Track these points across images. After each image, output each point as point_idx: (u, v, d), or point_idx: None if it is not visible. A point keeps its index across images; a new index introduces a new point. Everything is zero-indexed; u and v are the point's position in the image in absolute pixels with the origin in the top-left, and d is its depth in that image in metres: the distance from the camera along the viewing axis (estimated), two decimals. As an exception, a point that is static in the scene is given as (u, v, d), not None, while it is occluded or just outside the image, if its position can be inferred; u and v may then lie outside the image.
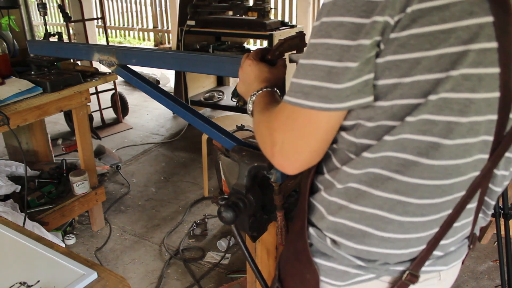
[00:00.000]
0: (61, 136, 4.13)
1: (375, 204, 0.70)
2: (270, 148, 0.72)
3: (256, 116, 0.84)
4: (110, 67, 1.39)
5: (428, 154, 0.65)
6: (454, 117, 0.63)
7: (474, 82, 0.61)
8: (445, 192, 0.69)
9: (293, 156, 0.69)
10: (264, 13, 3.65)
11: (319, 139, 0.68)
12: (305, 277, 0.82)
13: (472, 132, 0.65)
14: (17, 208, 2.15)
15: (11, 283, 0.90)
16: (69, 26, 3.99)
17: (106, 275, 0.94)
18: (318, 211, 0.78)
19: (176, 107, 1.28)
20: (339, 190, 0.74)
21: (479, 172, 0.70)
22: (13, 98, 1.95)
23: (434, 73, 0.60)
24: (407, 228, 0.71)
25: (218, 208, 1.07)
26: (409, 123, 0.63)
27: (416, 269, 0.75)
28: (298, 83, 0.66)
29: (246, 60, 0.95)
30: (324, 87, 0.63)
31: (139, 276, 2.27)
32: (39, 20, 7.97)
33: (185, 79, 4.17)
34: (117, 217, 2.81)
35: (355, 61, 0.60)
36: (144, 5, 8.29)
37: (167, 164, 3.57)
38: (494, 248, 2.46)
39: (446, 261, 0.79)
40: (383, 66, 0.62)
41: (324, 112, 0.64)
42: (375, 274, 0.76)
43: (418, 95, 0.62)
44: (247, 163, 1.09)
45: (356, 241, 0.74)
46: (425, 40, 0.58)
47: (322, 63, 0.63)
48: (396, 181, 0.68)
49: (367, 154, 0.68)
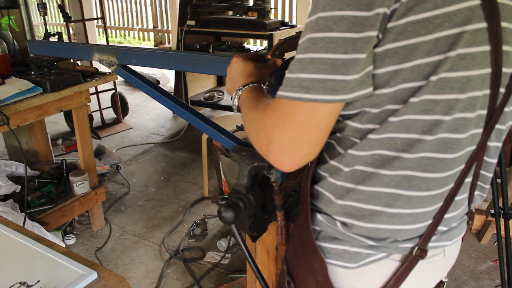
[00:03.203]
0: (61, 136, 4.13)
1: (382, 183, 0.73)
2: (266, 145, 0.70)
3: (247, 112, 0.81)
4: (110, 67, 1.39)
5: (431, 131, 0.68)
6: (454, 94, 0.66)
7: (469, 61, 0.65)
8: (447, 166, 0.72)
9: (293, 152, 0.68)
10: (264, 13, 3.65)
11: (322, 132, 0.68)
12: (313, 266, 0.84)
13: (470, 107, 0.69)
14: (17, 208, 2.15)
15: (11, 283, 0.90)
16: (69, 26, 3.99)
17: (106, 275, 0.94)
18: (325, 197, 0.80)
19: (176, 107, 1.28)
20: (346, 173, 0.76)
21: (475, 146, 0.74)
22: (13, 98, 1.95)
23: (433, 56, 0.63)
24: (414, 203, 0.74)
25: (218, 208, 1.07)
26: (412, 104, 0.66)
27: (425, 244, 0.78)
28: (296, 77, 0.66)
29: (234, 57, 0.96)
30: (329, 79, 0.63)
31: (139, 276, 2.27)
32: (39, 20, 7.98)
33: (185, 79, 4.17)
34: (117, 217, 2.81)
35: (364, 52, 0.62)
36: (144, 5, 8.29)
37: (167, 164, 3.57)
38: (494, 248, 2.46)
39: (450, 236, 0.83)
40: (383, 55, 0.64)
41: (328, 104, 0.64)
42: (386, 252, 0.78)
43: (419, 77, 0.65)
44: (247, 163, 1.09)
45: (366, 221, 0.76)
46: (421, 26, 0.62)
47: (324, 56, 0.63)
48: (402, 159, 0.70)
49: (372, 136, 0.71)
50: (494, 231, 2.46)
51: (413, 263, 0.78)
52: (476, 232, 2.59)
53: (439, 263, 0.85)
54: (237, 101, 0.88)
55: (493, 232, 2.49)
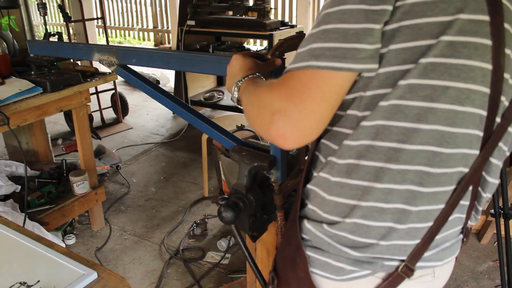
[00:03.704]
0: (61, 136, 4.13)
1: (371, 176, 0.71)
2: (269, 117, 0.66)
3: (249, 96, 0.79)
4: (110, 67, 1.39)
5: (428, 119, 0.66)
6: (450, 82, 0.64)
7: (471, 50, 0.64)
8: (443, 162, 0.69)
9: (298, 124, 0.64)
10: (264, 13, 3.65)
11: (329, 105, 0.65)
12: (295, 261, 0.83)
13: (469, 101, 0.66)
14: (17, 208, 2.15)
15: (11, 283, 0.90)
16: (69, 26, 3.99)
17: (106, 275, 0.94)
18: (318, 195, 0.79)
19: (176, 107, 1.28)
20: (340, 167, 0.74)
21: (468, 169, 0.71)
22: (13, 98, 1.95)
23: (428, 39, 0.63)
24: (405, 198, 0.71)
25: (218, 208, 1.07)
26: (399, 87, 0.65)
27: (412, 262, 0.75)
28: (307, 49, 0.66)
29: (234, 55, 0.96)
30: (340, 47, 0.63)
31: (139, 276, 2.27)
32: (39, 20, 7.98)
33: (185, 79, 4.17)
34: (117, 217, 2.81)
35: (377, 23, 0.63)
36: (144, 5, 8.29)
37: (167, 164, 3.57)
38: (494, 248, 2.46)
39: (440, 256, 0.80)
40: (389, 34, 0.64)
41: (338, 74, 0.63)
42: (371, 270, 0.76)
43: (408, 61, 0.64)
44: (247, 163, 1.09)
45: (356, 216, 0.74)
46: (428, 8, 0.62)
47: (336, 26, 0.64)
48: (400, 150, 0.68)
49: (365, 123, 0.69)
50: (494, 231, 2.46)
51: (398, 280, 0.76)
52: (476, 232, 2.59)
53: (429, 284, 0.82)
54: (237, 93, 0.86)
55: (493, 232, 2.49)
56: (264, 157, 1.09)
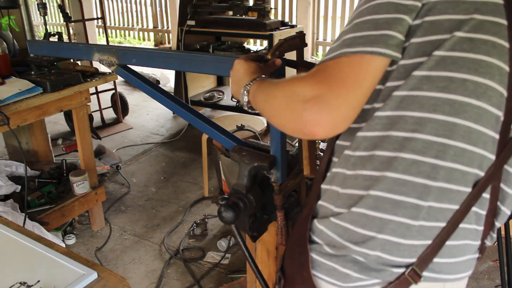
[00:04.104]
0: (61, 136, 4.13)
1: (384, 165, 0.71)
2: (301, 104, 0.65)
3: (268, 93, 0.78)
4: (110, 67, 1.39)
5: (444, 110, 0.68)
6: (468, 75, 0.66)
7: (489, 47, 0.66)
8: (456, 157, 0.69)
9: (334, 108, 0.64)
10: (264, 13, 3.65)
11: (363, 90, 0.66)
12: (300, 259, 0.84)
13: (485, 97, 0.68)
14: (17, 208, 2.15)
15: (11, 283, 0.90)
16: (69, 26, 3.99)
17: (106, 275, 0.94)
18: (332, 191, 0.79)
19: (176, 107, 1.28)
20: (355, 159, 0.75)
21: (483, 173, 0.71)
22: (13, 98, 1.95)
23: (446, 33, 0.66)
24: (419, 193, 0.71)
25: (218, 208, 1.07)
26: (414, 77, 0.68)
27: (421, 267, 0.74)
28: (339, 42, 0.69)
29: (236, 60, 0.96)
30: (371, 34, 0.66)
31: (139, 276, 2.27)
32: (39, 20, 7.97)
33: (185, 79, 4.17)
34: (117, 217, 2.81)
35: (406, 14, 0.66)
36: (144, 5, 8.29)
37: (167, 164, 3.57)
38: (494, 248, 2.45)
39: (452, 268, 0.77)
40: (413, 29, 0.67)
41: (370, 57, 0.65)
42: (380, 279, 0.75)
43: (423, 54, 0.68)
44: (247, 163, 1.09)
45: (367, 207, 0.73)
46: (449, 6, 0.66)
47: (367, 18, 0.68)
48: (414, 140, 0.69)
49: (379, 113, 0.71)
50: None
51: (404, 284, 0.74)
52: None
53: None
54: (247, 97, 0.86)
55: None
56: (264, 157, 1.09)
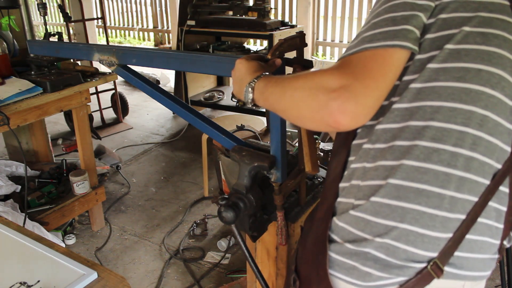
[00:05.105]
0: (61, 136, 4.13)
1: (404, 154, 0.73)
2: (326, 94, 0.66)
3: (279, 87, 0.79)
4: (110, 67, 1.39)
5: (461, 99, 0.71)
6: (482, 65, 0.70)
7: (500, 41, 0.71)
8: (475, 145, 0.71)
9: (361, 98, 0.65)
10: (264, 13, 3.65)
11: (388, 81, 0.69)
12: (317, 258, 0.83)
13: (499, 87, 0.71)
14: (17, 208, 2.15)
15: (11, 283, 0.90)
16: (69, 26, 3.99)
17: (106, 275, 0.94)
18: (353, 186, 0.80)
19: (176, 107, 1.28)
20: (375, 152, 0.77)
21: (500, 165, 0.73)
22: (13, 98, 1.95)
23: (456, 28, 0.71)
24: (441, 181, 0.72)
25: (218, 208, 1.07)
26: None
27: (443, 260, 0.74)
28: (359, 39, 0.72)
29: (237, 60, 0.96)
30: (390, 30, 0.70)
31: (139, 276, 2.27)
32: (39, 20, 7.97)
33: (185, 79, 4.17)
34: (117, 217, 2.81)
35: (422, 12, 0.71)
36: (144, 5, 8.29)
37: (167, 164, 3.57)
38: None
39: (472, 265, 0.77)
40: (427, 27, 0.73)
41: (393, 50, 0.69)
42: (401, 276, 0.75)
43: (436, 48, 0.73)
44: (247, 163, 1.09)
45: (390, 197, 0.74)
46: (460, 5, 0.72)
47: (384, 16, 0.72)
48: (433, 128, 0.72)
49: (398, 105, 0.75)
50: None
51: (427, 279, 0.74)
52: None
53: None
54: (252, 94, 0.86)
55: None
56: (264, 157, 1.09)
